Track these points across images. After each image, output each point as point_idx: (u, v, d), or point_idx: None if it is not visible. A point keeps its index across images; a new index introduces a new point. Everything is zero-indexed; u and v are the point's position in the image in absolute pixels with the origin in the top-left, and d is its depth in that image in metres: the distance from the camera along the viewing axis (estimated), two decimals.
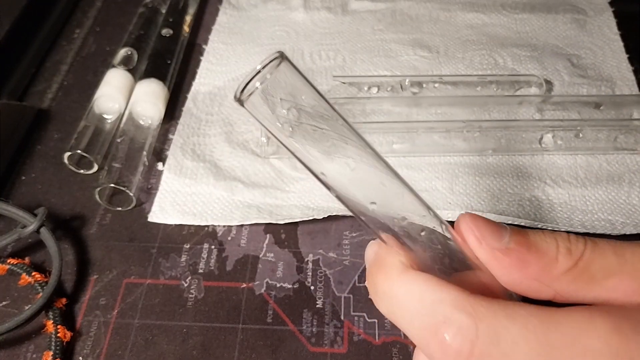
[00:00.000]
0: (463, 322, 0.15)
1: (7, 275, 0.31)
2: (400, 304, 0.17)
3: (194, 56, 0.44)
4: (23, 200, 0.35)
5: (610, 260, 0.17)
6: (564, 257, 0.17)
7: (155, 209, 0.34)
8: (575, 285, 0.17)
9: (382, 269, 0.18)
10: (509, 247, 0.17)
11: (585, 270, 0.17)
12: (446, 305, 0.16)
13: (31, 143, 0.38)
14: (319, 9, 0.46)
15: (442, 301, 0.16)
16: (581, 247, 0.17)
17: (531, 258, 0.17)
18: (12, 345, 0.28)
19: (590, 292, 0.17)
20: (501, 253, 0.17)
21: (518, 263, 0.17)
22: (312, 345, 0.28)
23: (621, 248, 0.17)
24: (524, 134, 0.36)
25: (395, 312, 0.17)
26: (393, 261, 0.18)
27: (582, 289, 0.17)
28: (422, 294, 0.16)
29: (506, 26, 0.45)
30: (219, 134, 0.38)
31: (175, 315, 0.30)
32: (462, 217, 0.18)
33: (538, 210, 0.33)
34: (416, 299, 0.17)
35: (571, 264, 0.17)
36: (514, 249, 0.17)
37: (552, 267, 0.17)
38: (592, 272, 0.17)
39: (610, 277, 0.16)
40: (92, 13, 0.48)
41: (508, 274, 0.17)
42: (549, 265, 0.17)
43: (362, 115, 0.38)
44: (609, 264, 0.17)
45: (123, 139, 0.35)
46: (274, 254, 0.32)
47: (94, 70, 0.43)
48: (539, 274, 0.17)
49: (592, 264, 0.17)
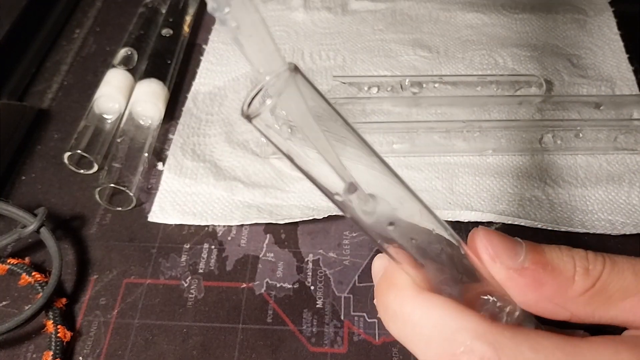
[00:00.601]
0: (485, 353, 0.15)
1: (7, 275, 0.31)
2: (414, 328, 0.16)
3: (194, 56, 0.44)
4: (23, 200, 0.35)
5: (629, 280, 0.16)
6: (581, 278, 0.16)
7: (155, 209, 0.34)
8: (591, 306, 0.16)
9: (393, 288, 0.17)
10: (524, 266, 0.17)
11: (603, 292, 0.16)
12: (467, 334, 0.15)
13: (31, 143, 0.38)
14: (319, 9, 0.46)
15: (463, 329, 0.15)
16: (599, 267, 0.16)
17: (547, 278, 0.16)
18: (12, 345, 0.28)
19: (607, 313, 0.16)
20: (516, 273, 0.17)
21: (533, 283, 0.17)
22: (312, 345, 0.28)
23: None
24: (524, 134, 0.36)
25: (407, 335, 0.17)
26: (406, 280, 0.17)
27: (599, 309, 0.16)
28: (440, 319, 0.16)
29: (506, 26, 0.45)
30: (219, 134, 0.38)
31: (175, 315, 0.30)
32: (476, 232, 0.18)
33: (538, 210, 0.33)
34: (433, 324, 0.16)
35: (588, 285, 0.16)
36: (529, 268, 0.17)
37: (568, 288, 0.16)
38: (610, 293, 0.16)
39: (628, 298, 0.16)
40: (92, 13, 0.48)
41: (523, 294, 0.17)
42: (565, 286, 0.16)
43: (362, 115, 0.38)
44: (628, 285, 0.16)
45: (123, 139, 0.35)
46: (274, 254, 0.32)
47: (94, 70, 0.43)
48: (555, 296, 0.16)
49: (610, 285, 0.16)
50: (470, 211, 0.32)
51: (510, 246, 0.17)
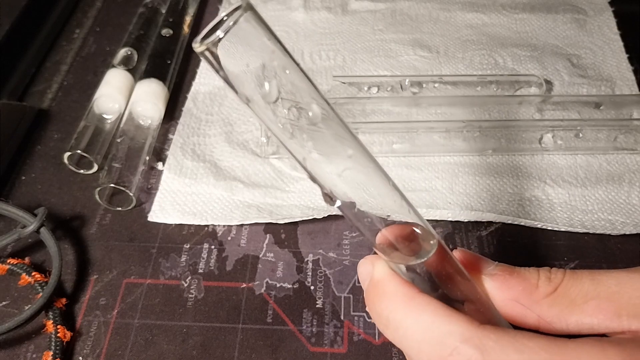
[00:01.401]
0: (472, 356, 0.15)
1: (7, 275, 0.31)
2: (406, 333, 0.17)
3: (194, 56, 0.44)
4: (23, 200, 0.35)
5: (586, 285, 0.18)
6: (543, 283, 0.18)
7: (155, 209, 0.34)
8: (555, 309, 0.18)
9: (384, 297, 0.18)
10: (493, 272, 0.19)
11: (565, 296, 0.18)
12: (455, 337, 0.16)
13: (31, 143, 0.38)
14: (319, 9, 0.46)
15: (451, 333, 0.16)
16: (560, 275, 0.18)
17: (513, 282, 0.18)
18: (12, 345, 0.28)
19: (572, 315, 0.17)
20: (487, 277, 0.19)
21: (501, 286, 0.18)
22: (312, 345, 0.28)
23: (598, 274, 0.18)
24: (524, 134, 0.36)
25: (401, 340, 0.17)
26: (395, 287, 0.18)
27: (563, 312, 0.18)
28: (430, 325, 0.17)
29: (506, 26, 0.45)
30: (219, 134, 0.38)
31: (175, 315, 0.30)
32: (453, 252, 0.19)
33: (538, 210, 0.33)
34: (423, 329, 0.17)
35: (550, 290, 0.18)
36: (498, 274, 0.19)
37: (533, 292, 0.18)
38: (572, 297, 0.18)
39: (589, 301, 0.17)
40: (92, 13, 0.48)
41: (492, 295, 0.19)
42: (530, 290, 0.18)
43: (362, 115, 0.38)
44: (586, 289, 0.17)
45: (123, 139, 0.35)
46: (273, 253, 0.32)
47: (94, 70, 0.43)
48: (521, 297, 0.18)
49: (571, 290, 0.18)
50: (470, 211, 0.32)
51: (483, 260, 0.19)
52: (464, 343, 0.16)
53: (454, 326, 0.16)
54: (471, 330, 0.16)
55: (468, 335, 0.16)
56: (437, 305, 0.17)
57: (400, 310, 0.17)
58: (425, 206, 0.33)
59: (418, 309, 0.17)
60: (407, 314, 0.17)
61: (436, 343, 0.16)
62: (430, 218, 0.33)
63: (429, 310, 0.17)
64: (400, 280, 0.18)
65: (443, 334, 0.16)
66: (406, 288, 0.18)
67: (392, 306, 0.18)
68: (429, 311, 0.17)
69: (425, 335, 0.16)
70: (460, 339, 0.16)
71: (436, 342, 0.16)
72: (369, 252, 0.32)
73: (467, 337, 0.16)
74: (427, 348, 0.16)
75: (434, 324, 0.16)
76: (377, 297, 0.18)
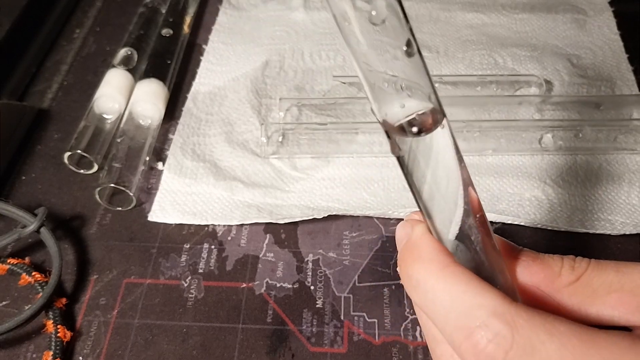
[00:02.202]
0: (500, 330, 0.15)
1: (7, 275, 0.31)
2: (434, 299, 0.17)
3: (194, 56, 0.44)
4: (23, 200, 0.35)
5: (610, 277, 0.17)
6: (567, 272, 0.18)
7: (155, 209, 0.34)
8: (577, 298, 0.17)
9: (419, 259, 0.18)
10: (517, 257, 0.18)
11: (587, 285, 0.17)
12: (485, 310, 0.16)
13: (31, 143, 0.38)
14: (319, 9, 0.46)
15: (482, 306, 0.16)
16: (584, 265, 0.18)
17: (536, 268, 0.18)
18: (12, 345, 0.28)
19: (593, 306, 0.17)
20: (511, 261, 0.18)
21: (524, 271, 0.18)
22: (312, 345, 0.28)
23: (623, 266, 0.17)
24: (523, 134, 0.36)
25: (428, 305, 0.17)
26: (432, 251, 0.18)
27: (584, 302, 0.17)
28: (461, 294, 0.16)
29: (506, 26, 0.45)
30: (219, 134, 0.38)
31: (175, 315, 0.30)
32: None
33: (538, 210, 0.33)
34: (453, 298, 0.16)
35: (573, 279, 0.17)
36: (522, 259, 0.18)
37: (555, 279, 0.18)
38: (594, 287, 0.17)
39: (612, 293, 0.17)
40: (92, 13, 0.48)
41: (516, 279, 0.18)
42: (553, 277, 0.18)
43: (362, 115, 0.38)
44: (610, 281, 0.17)
45: (123, 138, 0.35)
46: (273, 253, 0.32)
47: (94, 70, 0.43)
48: (542, 283, 0.18)
49: (594, 280, 0.17)
50: None
51: (508, 244, 0.19)
52: (494, 317, 0.15)
53: (487, 299, 0.16)
54: (503, 306, 0.15)
55: (500, 310, 0.15)
56: (472, 277, 0.17)
57: (433, 275, 0.17)
58: None
59: (452, 276, 0.17)
60: (439, 280, 0.17)
61: (465, 313, 0.16)
62: None
63: (463, 280, 0.16)
64: (438, 246, 0.18)
65: (474, 306, 0.16)
66: (443, 255, 0.17)
67: (426, 270, 0.17)
68: (463, 281, 0.16)
69: (455, 303, 0.16)
70: (491, 313, 0.15)
71: (465, 313, 0.16)
72: (368, 252, 0.32)
73: (498, 312, 0.15)
74: (455, 317, 0.16)
75: (466, 294, 0.16)
76: (412, 259, 0.18)
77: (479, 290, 0.16)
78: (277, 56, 0.43)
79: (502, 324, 0.15)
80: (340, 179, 0.35)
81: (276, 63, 0.42)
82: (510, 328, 0.15)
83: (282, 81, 0.41)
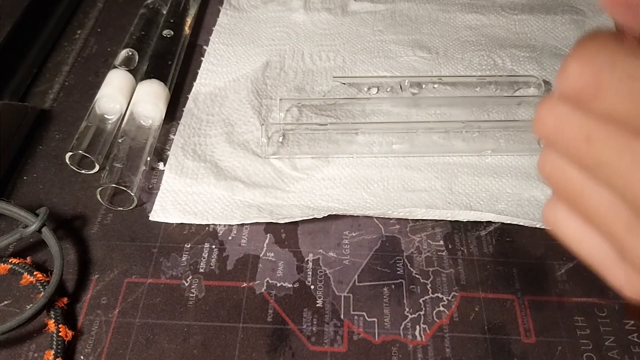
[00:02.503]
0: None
1: (9, 274, 0.31)
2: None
3: (194, 57, 0.44)
4: (25, 200, 0.35)
5: None
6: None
7: (157, 208, 0.34)
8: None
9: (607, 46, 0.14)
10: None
11: None
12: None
13: (33, 143, 0.38)
14: (319, 10, 0.47)
15: None
16: None
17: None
18: (14, 344, 0.29)
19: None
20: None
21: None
22: (312, 345, 0.28)
23: None
24: (522, 135, 0.36)
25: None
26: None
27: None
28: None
29: (505, 27, 0.45)
30: (220, 134, 0.38)
31: (176, 314, 0.30)
32: None
33: (537, 210, 0.33)
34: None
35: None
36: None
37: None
38: None
39: None
40: (93, 14, 0.48)
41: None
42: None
43: (362, 115, 0.39)
44: None
45: (124, 139, 0.35)
46: (274, 253, 0.32)
47: (96, 70, 0.43)
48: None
49: None
50: (469, 211, 0.33)
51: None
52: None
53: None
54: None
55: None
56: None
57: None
58: (424, 206, 0.33)
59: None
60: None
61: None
62: (429, 218, 0.33)
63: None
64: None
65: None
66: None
67: (624, 52, 0.14)
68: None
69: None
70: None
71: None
72: (368, 252, 0.32)
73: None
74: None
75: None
76: (603, 40, 0.14)
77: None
78: (278, 57, 0.43)
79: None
80: (340, 179, 0.35)
81: (276, 64, 0.43)
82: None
83: (282, 82, 0.41)
